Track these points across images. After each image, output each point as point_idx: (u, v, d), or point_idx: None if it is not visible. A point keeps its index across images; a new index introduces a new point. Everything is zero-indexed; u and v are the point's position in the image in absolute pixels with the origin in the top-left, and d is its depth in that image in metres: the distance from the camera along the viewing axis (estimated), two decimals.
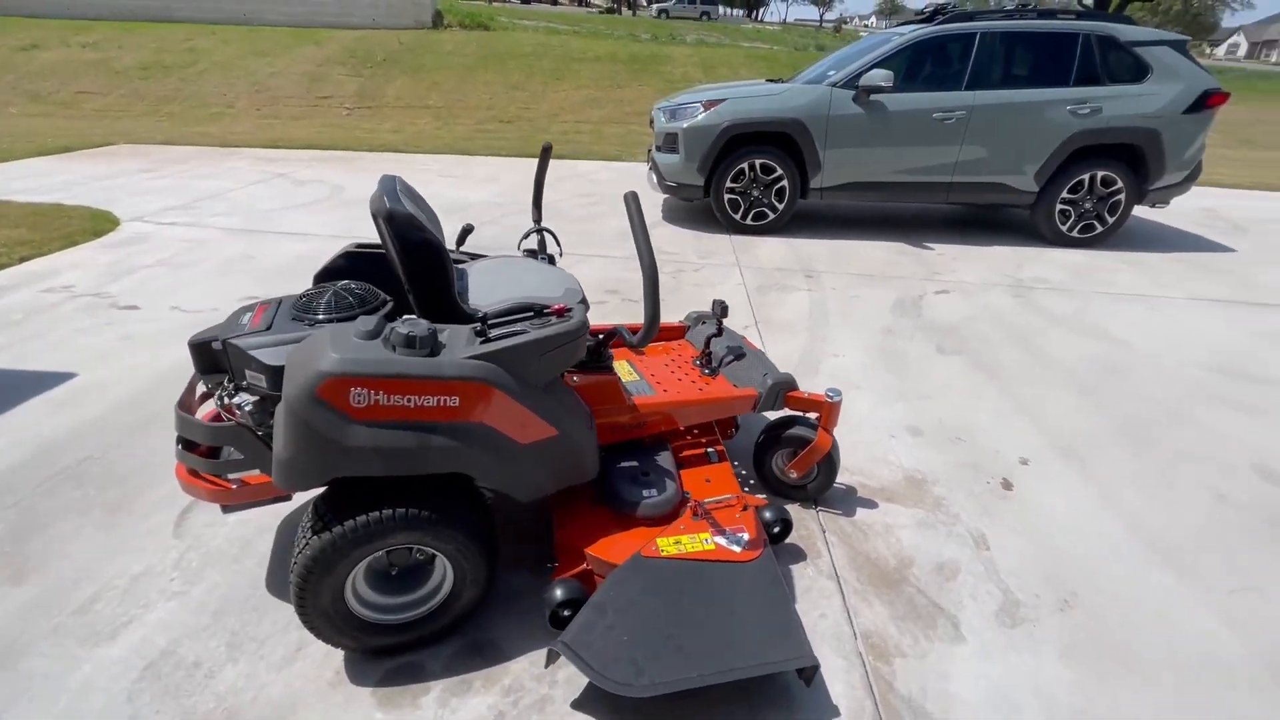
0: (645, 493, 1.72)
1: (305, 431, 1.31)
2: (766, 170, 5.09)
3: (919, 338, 3.47)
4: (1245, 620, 1.76)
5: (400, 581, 1.57)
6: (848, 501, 2.16)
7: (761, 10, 63.32)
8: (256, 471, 1.63)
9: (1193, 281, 4.51)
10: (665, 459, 1.89)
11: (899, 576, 1.86)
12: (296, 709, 1.44)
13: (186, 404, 1.68)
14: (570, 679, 1.52)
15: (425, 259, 1.63)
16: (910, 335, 3.50)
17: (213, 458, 1.68)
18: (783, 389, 2.04)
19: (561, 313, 1.61)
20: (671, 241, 5.04)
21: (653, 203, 6.26)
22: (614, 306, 3.75)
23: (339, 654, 1.57)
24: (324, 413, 1.31)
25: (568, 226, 5.20)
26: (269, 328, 1.58)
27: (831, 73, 5.14)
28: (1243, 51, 73.00)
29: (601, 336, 1.82)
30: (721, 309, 2.31)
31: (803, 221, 5.66)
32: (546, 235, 2.41)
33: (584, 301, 1.86)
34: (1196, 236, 5.69)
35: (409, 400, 1.35)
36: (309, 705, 1.45)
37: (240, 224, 5.04)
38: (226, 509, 1.71)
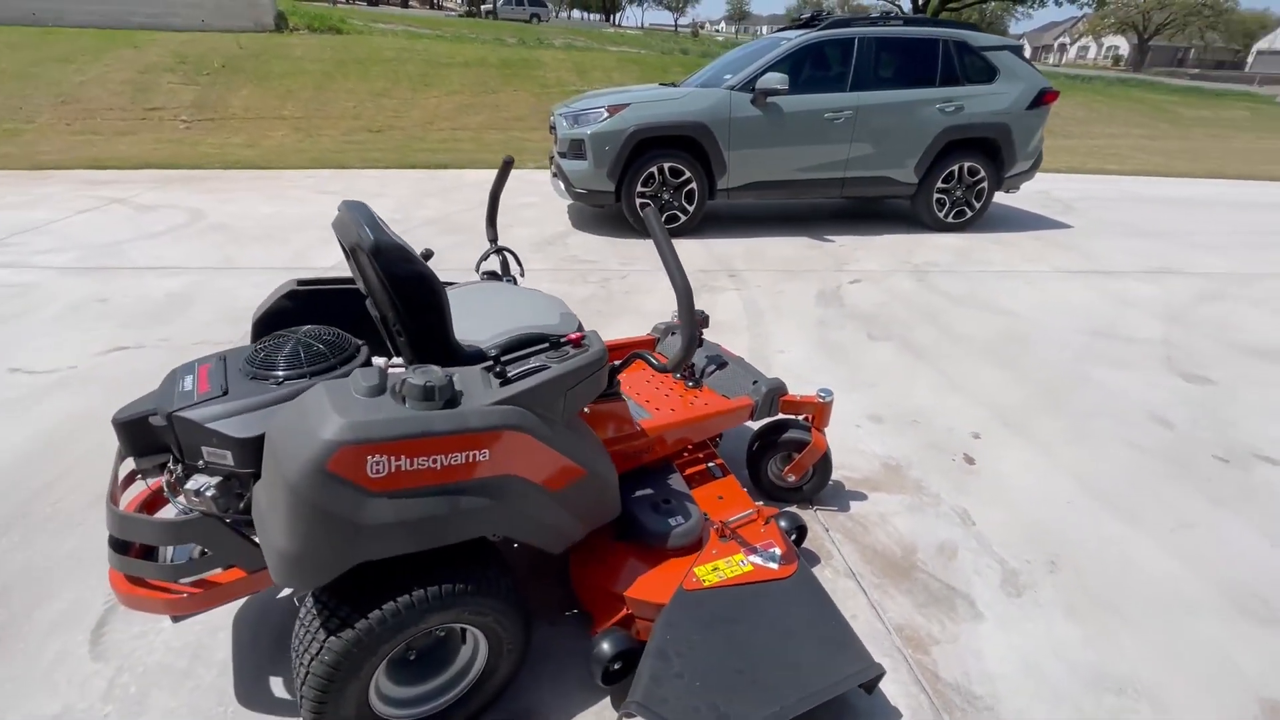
0: (671, 521, 1.64)
1: (315, 515, 1.09)
2: (675, 173, 5.13)
3: (849, 327, 3.65)
4: (1192, 555, 2.01)
5: (422, 667, 1.37)
6: (839, 496, 2.21)
7: (619, 14, 64.41)
8: (218, 569, 1.35)
9: (1051, 256, 5.14)
10: (677, 482, 1.81)
11: (908, 564, 1.92)
12: None
13: (114, 497, 1.36)
14: None
15: (421, 295, 1.43)
16: (841, 325, 3.67)
17: (148, 558, 1.38)
18: (776, 394, 2.04)
19: (578, 342, 1.49)
20: (589, 250, 4.94)
21: (557, 209, 6.12)
22: None
23: None
24: (337, 490, 1.10)
25: (478, 240, 4.93)
26: (224, 392, 1.31)
27: (728, 76, 5.29)
28: (1026, 54, 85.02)
29: (617, 364, 1.70)
30: (702, 319, 2.26)
31: (712, 222, 5.78)
32: (507, 256, 2.24)
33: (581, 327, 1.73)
34: (1039, 216, 6.51)
35: (434, 461, 1.17)
36: None
37: (78, 261, 4.27)
38: (177, 617, 1.41)
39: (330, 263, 4.37)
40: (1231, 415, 2.84)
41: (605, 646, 1.41)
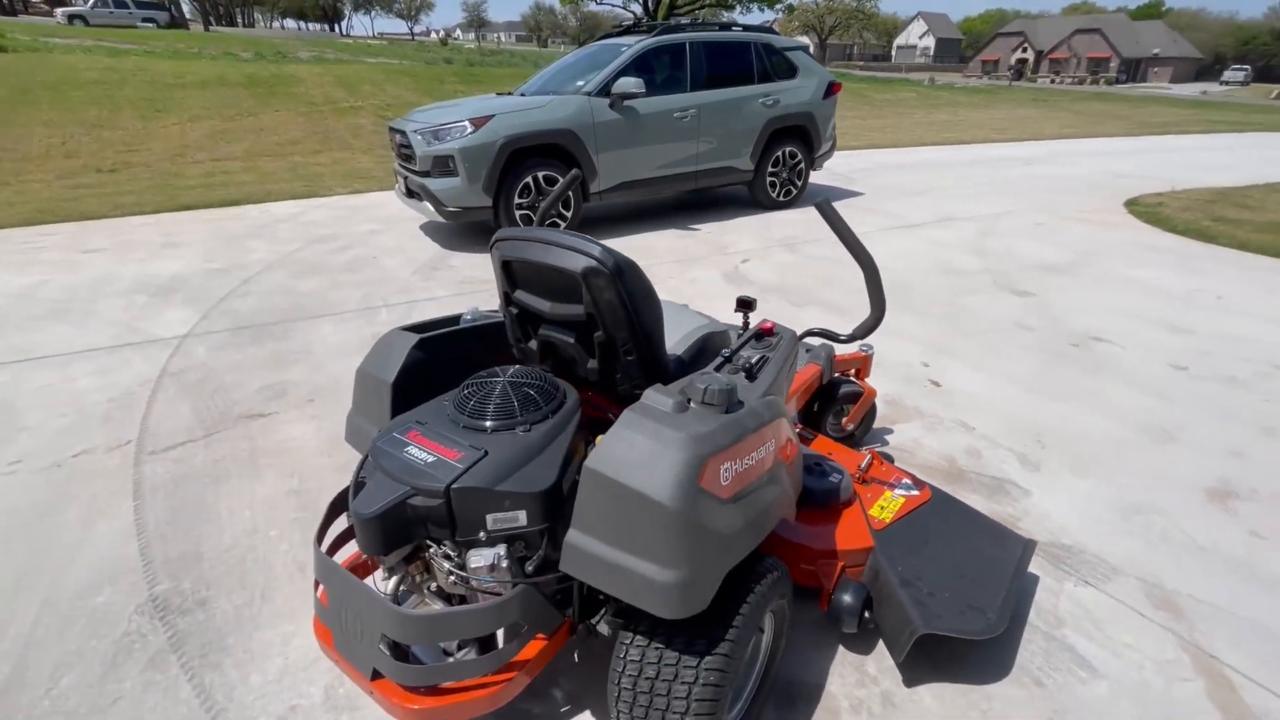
0: (833, 479, 1.81)
1: (697, 534, 1.07)
2: (550, 182, 5.14)
3: (771, 300, 4.09)
4: (1110, 409, 2.75)
5: None
6: (875, 435, 2.57)
7: (344, 23, 59.43)
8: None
9: (868, 219, 6.21)
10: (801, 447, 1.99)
11: (957, 471, 2.34)
12: None
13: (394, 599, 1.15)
14: (884, 669, 1.57)
15: (653, 308, 1.40)
16: (764, 299, 4.09)
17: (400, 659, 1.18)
18: (832, 355, 2.30)
19: (772, 330, 1.58)
20: (483, 268, 4.74)
21: (410, 233, 5.70)
22: None
23: None
24: (707, 504, 1.09)
25: (341, 278, 4.46)
26: (484, 453, 1.17)
27: (580, 83, 5.42)
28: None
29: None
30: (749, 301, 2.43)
31: (588, 226, 5.88)
32: None
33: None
34: (836, 188, 7.75)
35: (753, 459, 1.21)
36: None
37: None
38: None
39: (175, 321, 3.61)
40: (1058, 315, 3.84)
41: (849, 598, 1.55)
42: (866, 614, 1.55)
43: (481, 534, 1.15)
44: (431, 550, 1.19)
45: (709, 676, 1.13)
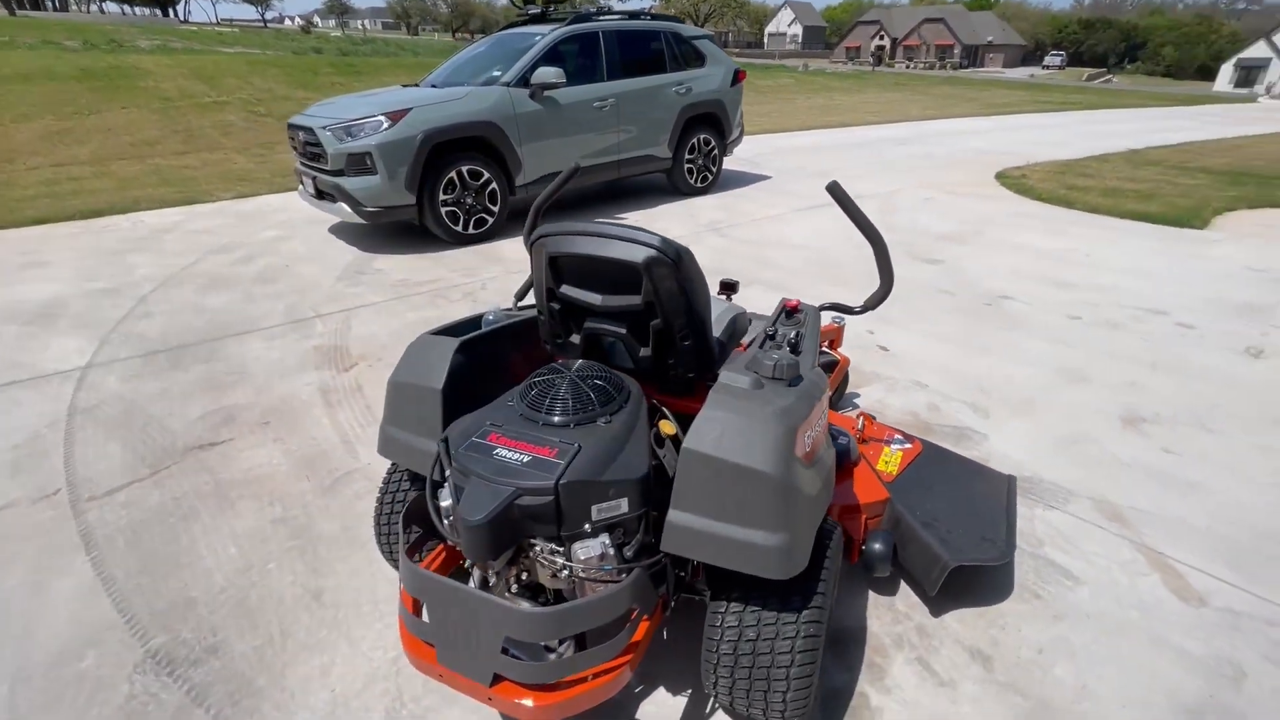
0: (843, 440, 1.95)
1: (797, 499, 1.15)
2: (475, 176, 4.99)
3: (711, 281, 4.23)
4: (1025, 358, 3.12)
5: None
6: (845, 400, 2.77)
7: (180, 7, 53.30)
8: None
9: (779, 200, 6.54)
10: None
11: (926, 425, 2.59)
12: None
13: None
14: (911, 605, 1.74)
15: (705, 293, 1.44)
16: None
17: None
18: (819, 327, 2.45)
19: (798, 307, 1.68)
20: (413, 270, 4.53)
21: (320, 237, 5.33)
22: None
23: None
24: (800, 471, 1.17)
25: (256, 290, 4.14)
26: (579, 448, 1.18)
27: (497, 72, 5.28)
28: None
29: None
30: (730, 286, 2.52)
31: (515, 220, 5.75)
32: None
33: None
34: (744, 173, 8.07)
35: (819, 427, 1.31)
36: None
37: None
38: None
39: (69, 351, 3.20)
40: (968, 279, 4.27)
41: (880, 546, 1.69)
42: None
43: (587, 525, 1.16)
44: (537, 548, 1.19)
45: (809, 629, 1.22)
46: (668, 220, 5.79)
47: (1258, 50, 46.80)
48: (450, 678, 1.15)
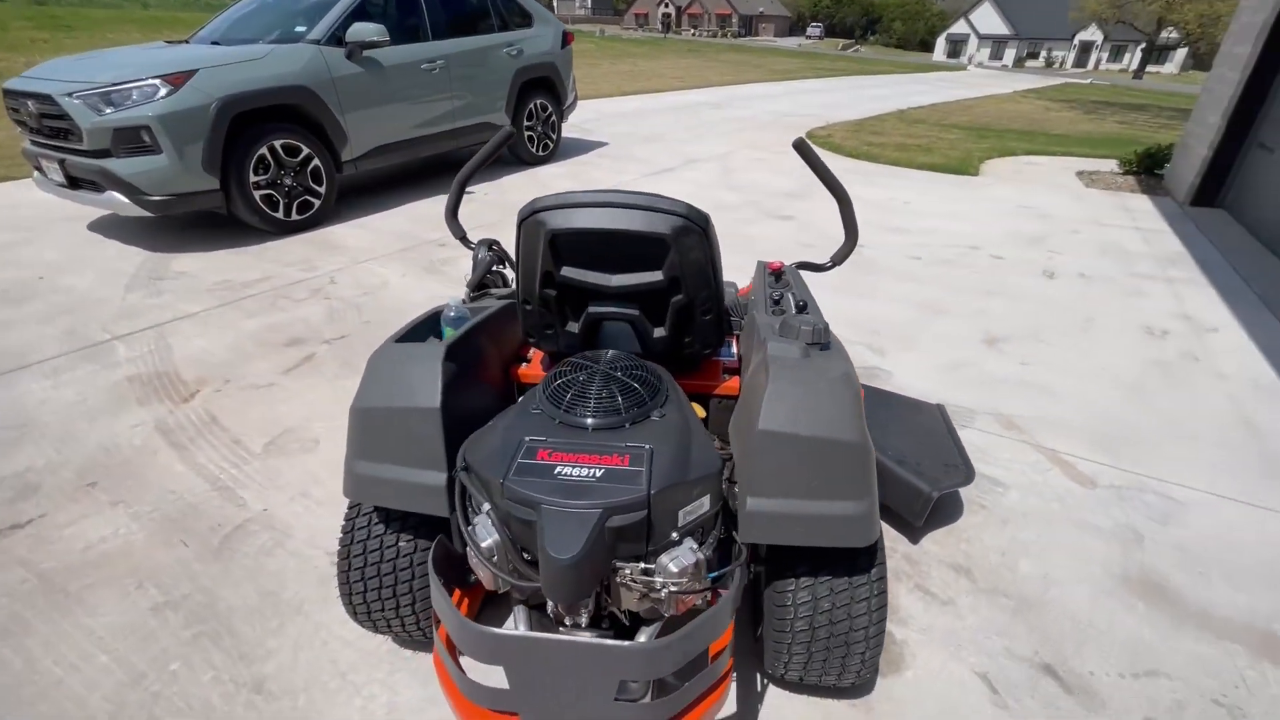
0: None
1: (871, 464, 1.12)
2: (291, 151, 4.24)
3: None
4: (901, 299, 3.47)
5: None
6: None
7: None
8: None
9: (627, 166, 6.51)
10: None
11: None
12: None
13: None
14: (892, 538, 1.85)
15: (721, 265, 1.32)
16: None
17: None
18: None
19: (781, 269, 1.63)
20: (232, 269, 3.76)
21: (81, 238, 4.22)
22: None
23: None
24: (867, 433, 1.14)
25: (9, 314, 3.19)
26: (652, 454, 1.04)
27: (301, 28, 4.47)
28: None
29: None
30: None
31: (345, 200, 5.01)
32: (502, 254, 1.87)
33: None
34: (579, 140, 7.90)
35: (858, 387, 1.30)
36: None
37: None
38: None
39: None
40: (821, 231, 4.62)
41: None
42: None
43: (674, 534, 1.02)
44: (626, 572, 1.02)
45: (880, 585, 1.22)
46: (518, 192, 5.47)
47: (960, 27, 56.77)
48: None
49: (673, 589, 1.02)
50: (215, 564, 1.76)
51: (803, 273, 1.87)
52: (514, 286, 1.89)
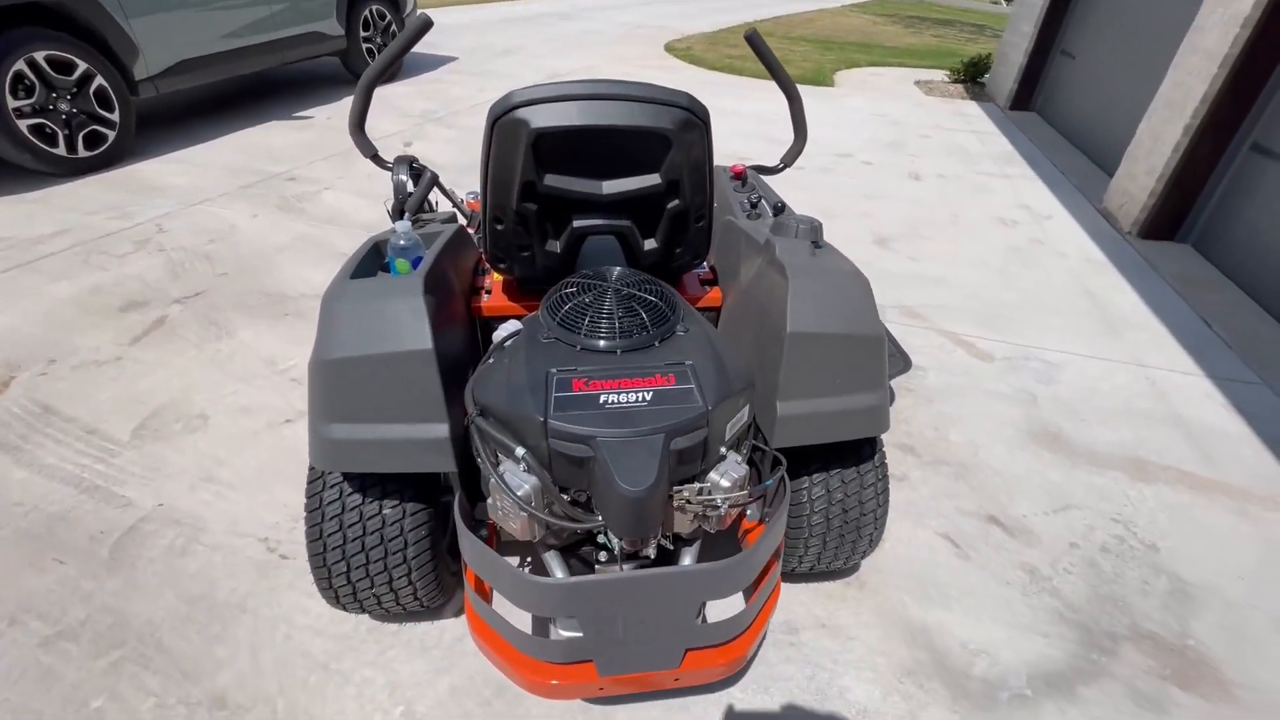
0: None
1: (884, 350, 1.14)
2: (61, 67, 3.33)
3: (467, 178, 3.74)
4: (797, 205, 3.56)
5: None
6: None
7: None
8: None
9: (488, 82, 5.94)
10: None
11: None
12: None
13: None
14: None
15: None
16: (458, 179, 3.72)
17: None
18: None
19: (743, 172, 1.57)
20: (11, 223, 2.97)
21: None
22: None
23: None
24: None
25: None
26: (694, 370, 0.97)
27: None
28: None
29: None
30: None
31: (146, 128, 4.07)
32: (430, 176, 1.59)
33: None
34: (425, 54, 7.06)
35: None
36: None
37: None
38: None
39: None
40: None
41: None
42: None
43: (722, 448, 0.97)
44: (684, 494, 0.94)
45: (883, 471, 1.28)
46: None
47: None
48: (617, 684, 0.91)
49: (728, 504, 0.98)
50: (112, 577, 1.44)
51: None
52: (446, 209, 1.66)
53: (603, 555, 1.03)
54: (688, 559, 1.05)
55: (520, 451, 0.91)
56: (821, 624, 1.41)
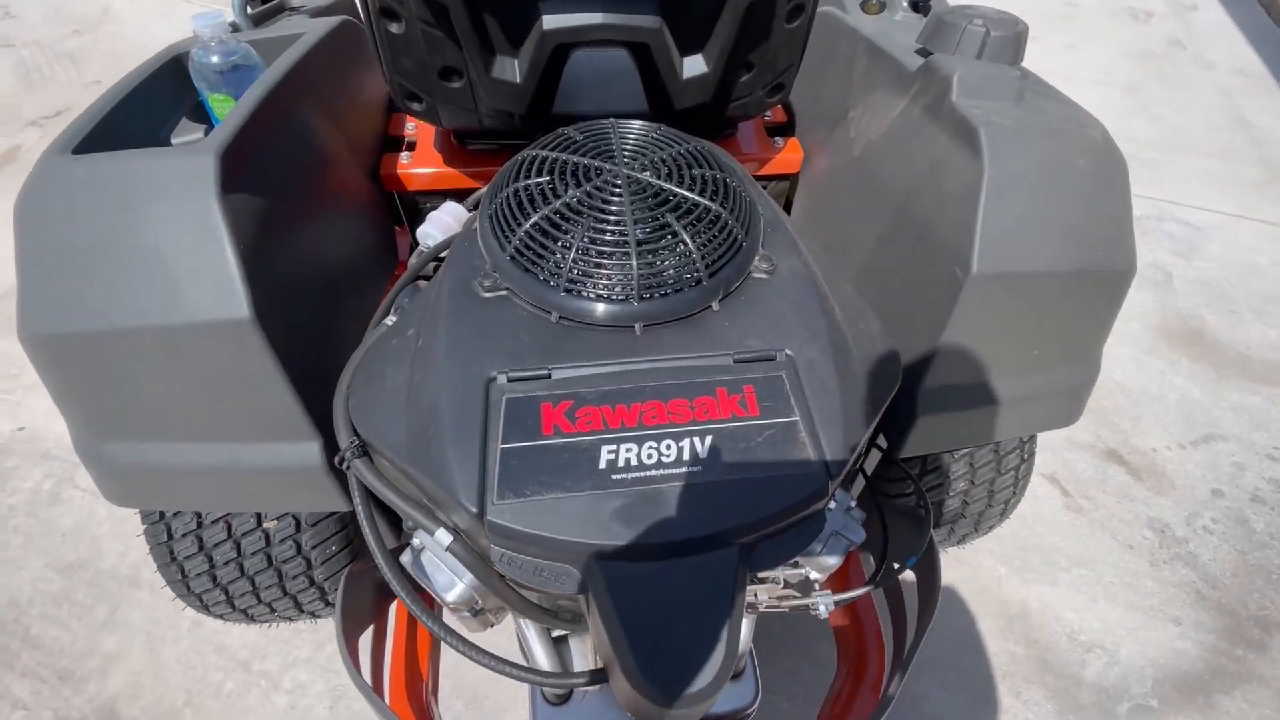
0: None
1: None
2: None
3: None
4: None
5: None
6: None
7: None
8: None
9: None
10: None
11: None
12: None
13: None
14: None
15: None
16: None
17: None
18: None
19: None
20: None
21: None
22: None
23: None
24: None
25: None
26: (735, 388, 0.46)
27: None
28: None
29: None
30: None
31: None
32: None
33: None
34: None
35: None
36: None
37: None
38: None
39: None
40: None
41: None
42: None
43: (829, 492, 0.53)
44: (757, 592, 0.53)
45: (1031, 447, 0.85)
46: None
47: None
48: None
49: (834, 603, 0.56)
50: None
51: None
52: None
53: None
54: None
55: (443, 537, 0.47)
56: None
